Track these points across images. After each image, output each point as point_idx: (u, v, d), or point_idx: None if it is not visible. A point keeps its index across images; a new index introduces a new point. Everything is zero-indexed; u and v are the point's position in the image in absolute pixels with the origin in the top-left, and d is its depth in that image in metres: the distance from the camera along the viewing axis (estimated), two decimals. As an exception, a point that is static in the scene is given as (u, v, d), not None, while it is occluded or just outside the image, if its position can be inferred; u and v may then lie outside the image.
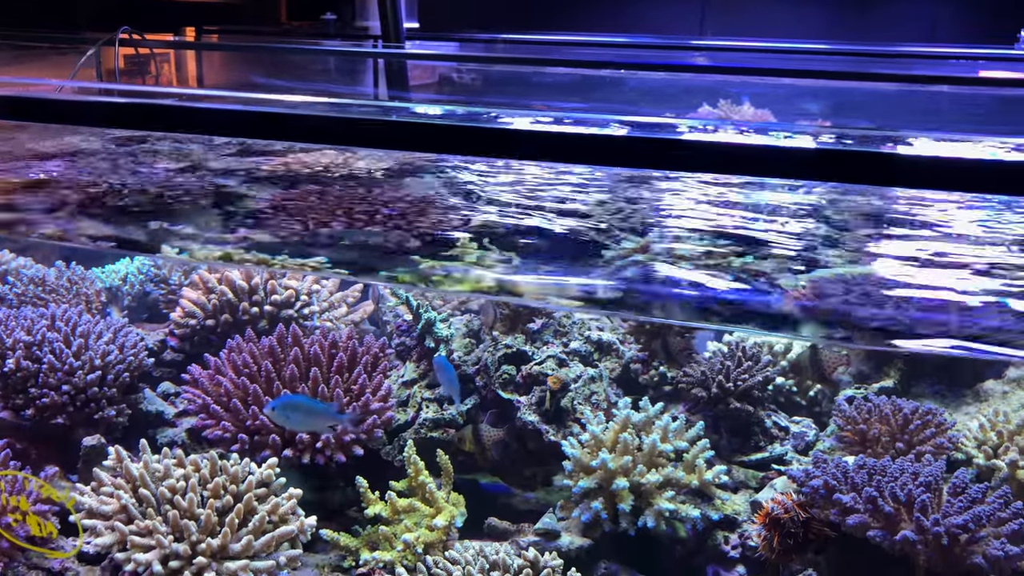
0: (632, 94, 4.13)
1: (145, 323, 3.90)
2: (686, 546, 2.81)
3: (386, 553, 2.73)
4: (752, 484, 2.94)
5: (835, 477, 2.28)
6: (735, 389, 2.93)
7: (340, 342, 3.11)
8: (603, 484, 2.77)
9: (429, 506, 2.82)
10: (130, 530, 2.51)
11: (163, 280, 3.89)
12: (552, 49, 5.27)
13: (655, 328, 3.15)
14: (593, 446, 2.83)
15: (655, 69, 3.99)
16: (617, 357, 3.28)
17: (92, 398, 3.06)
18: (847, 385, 2.93)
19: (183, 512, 2.51)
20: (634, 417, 2.84)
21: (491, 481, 3.34)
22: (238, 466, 2.64)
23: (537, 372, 3.11)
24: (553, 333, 3.32)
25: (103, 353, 3.10)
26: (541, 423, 3.01)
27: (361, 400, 2.95)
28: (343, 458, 2.91)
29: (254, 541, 2.48)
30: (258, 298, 3.43)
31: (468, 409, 3.19)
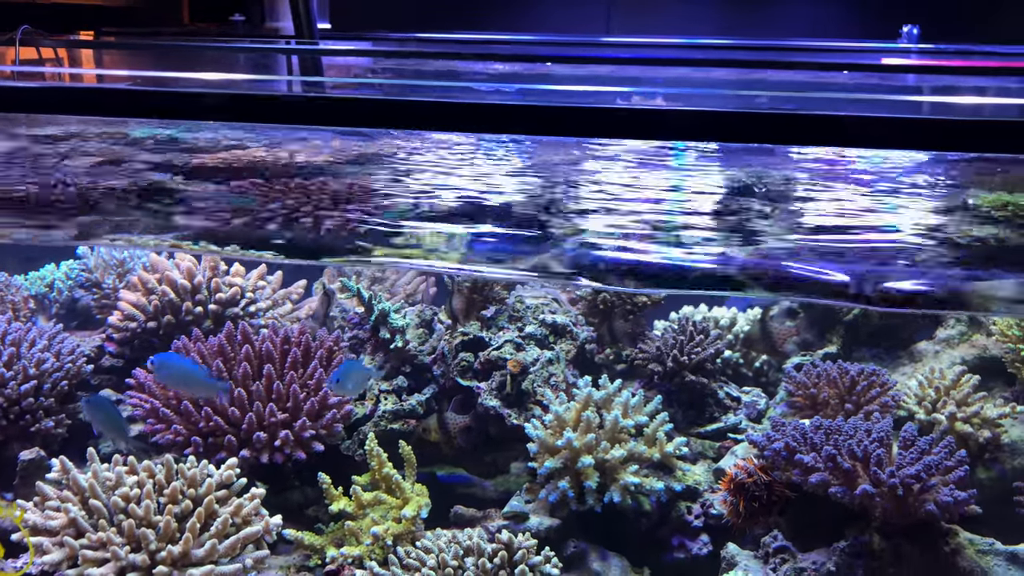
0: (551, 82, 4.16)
1: (77, 330, 3.72)
2: (651, 519, 2.85)
3: (354, 548, 2.69)
4: (710, 454, 3.01)
5: (795, 439, 2.36)
6: (689, 362, 2.99)
7: (292, 338, 3.04)
8: (568, 463, 2.78)
9: (395, 497, 2.79)
10: (81, 544, 2.40)
11: (95, 284, 3.72)
12: (466, 47, 5.31)
13: (607, 308, 3.19)
14: (556, 426, 2.84)
15: (570, 62, 4.02)
16: (572, 339, 3.31)
17: (27, 409, 2.92)
18: (794, 354, 3.03)
19: (139, 521, 2.42)
20: (595, 395, 2.87)
21: (449, 472, 3.33)
22: (195, 469, 2.55)
23: (496, 357, 3.11)
24: (508, 318, 3.32)
25: (38, 361, 2.96)
26: (503, 407, 3.01)
27: (319, 395, 2.89)
28: (303, 455, 2.85)
29: (218, 545, 2.41)
30: (201, 297, 3.32)
31: (427, 399, 3.16)
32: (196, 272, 3.34)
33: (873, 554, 2.24)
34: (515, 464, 3.18)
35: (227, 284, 3.37)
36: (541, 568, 2.48)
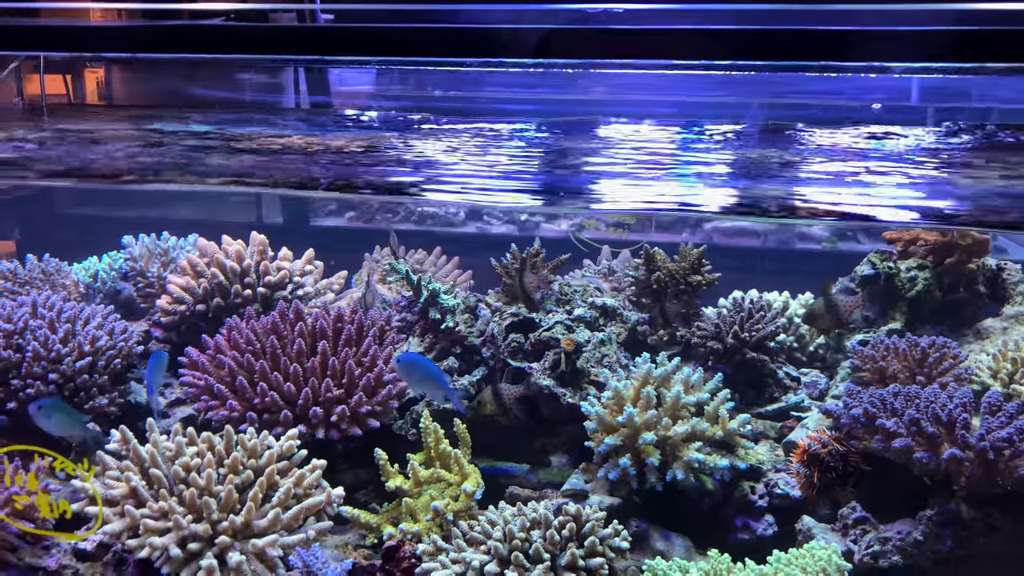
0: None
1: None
2: (713, 499, 2.79)
3: (412, 525, 2.63)
4: (771, 435, 2.94)
5: (874, 404, 2.30)
6: (750, 339, 2.94)
7: (345, 316, 3.01)
8: (628, 441, 2.73)
9: (453, 474, 2.74)
10: (142, 514, 2.36)
11: (140, 273, 3.71)
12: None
13: (659, 288, 3.14)
14: (615, 403, 2.79)
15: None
16: (622, 322, 3.26)
17: (82, 386, 2.89)
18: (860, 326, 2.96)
19: (200, 490, 2.38)
20: (654, 372, 2.82)
21: (490, 465, 3.27)
22: (255, 440, 2.51)
23: (547, 338, 3.06)
24: (556, 302, 3.28)
25: (92, 339, 2.94)
26: (557, 387, 2.96)
27: (374, 371, 2.85)
28: (359, 431, 2.81)
29: (281, 515, 2.36)
30: (250, 280, 3.30)
31: (477, 380, 3.12)
32: (245, 255, 3.32)
33: (962, 523, 2.18)
34: (555, 457, 3.12)
35: (276, 268, 3.35)
36: (610, 541, 2.41)
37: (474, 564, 2.35)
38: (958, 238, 2.98)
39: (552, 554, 2.36)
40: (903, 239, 3.11)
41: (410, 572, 2.49)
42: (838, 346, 3.18)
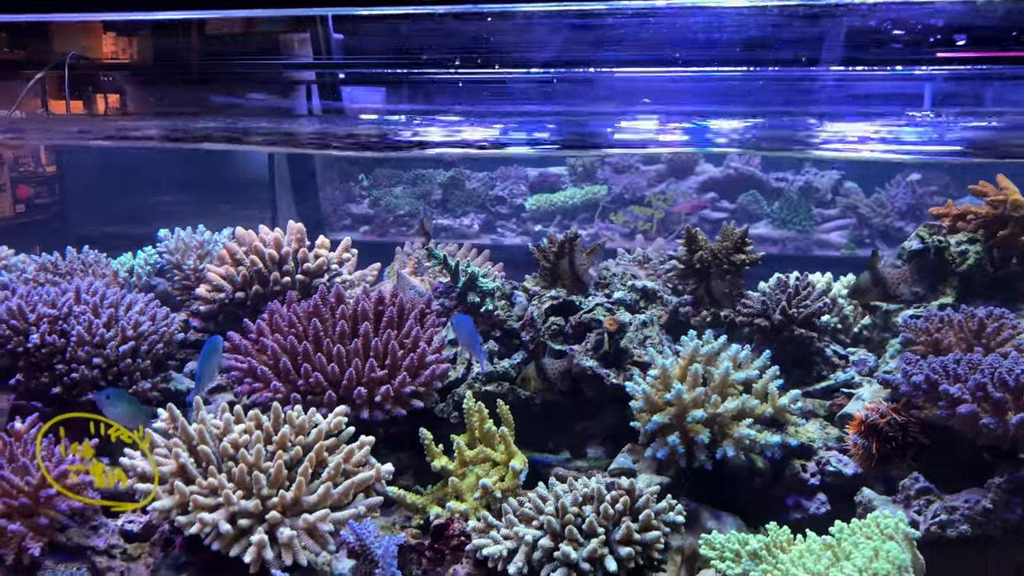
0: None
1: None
2: (764, 477, 2.74)
3: (460, 504, 2.60)
4: (820, 413, 2.90)
5: (935, 371, 2.25)
6: (798, 315, 2.89)
7: (387, 298, 3.00)
8: (675, 420, 2.69)
9: (499, 453, 2.71)
10: (192, 490, 2.34)
11: (176, 266, 3.71)
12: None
13: (703, 267, 3.11)
14: (662, 381, 2.75)
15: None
16: (663, 304, 3.23)
17: (125, 371, 2.89)
18: (909, 298, 2.91)
19: (250, 467, 2.35)
20: (701, 349, 2.78)
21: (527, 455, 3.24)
22: (303, 417, 2.49)
23: (588, 320, 3.03)
24: (594, 285, 3.25)
25: (135, 324, 2.94)
26: (600, 367, 2.92)
27: (417, 351, 2.83)
28: (403, 411, 2.78)
29: (332, 490, 2.34)
30: (289, 267, 3.30)
31: (518, 363, 3.09)
32: (283, 243, 3.32)
33: (1033, 491, 2.12)
34: (592, 449, 3.08)
35: (314, 255, 3.35)
36: (665, 516, 2.37)
37: (527, 539, 2.31)
38: (1010, 210, 2.93)
39: (606, 528, 2.32)
40: (951, 214, 3.07)
41: (460, 549, 2.45)
42: (885, 324, 3.13)
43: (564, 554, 2.25)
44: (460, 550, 2.45)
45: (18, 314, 2.88)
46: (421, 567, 2.49)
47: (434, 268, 3.51)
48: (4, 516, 2.34)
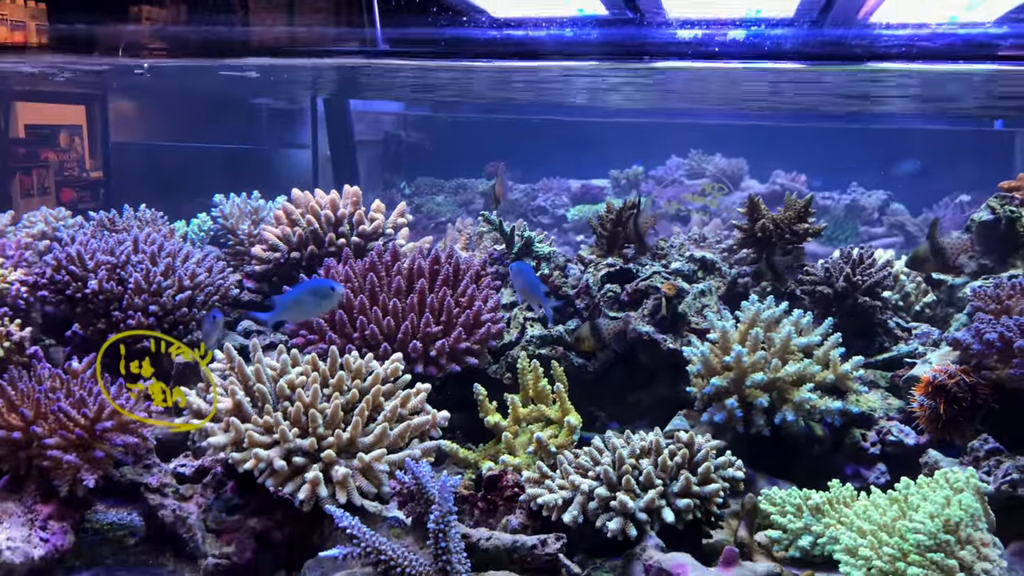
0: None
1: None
2: (823, 445, 2.68)
3: (514, 458, 2.57)
4: (882, 384, 2.82)
5: (1010, 329, 2.19)
6: (862, 283, 2.83)
7: (442, 257, 2.99)
8: (732, 385, 2.64)
9: (554, 410, 2.67)
10: (247, 427, 2.33)
11: (231, 231, 3.75)
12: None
13: (764, 237, 3.06)
14: (721, 344, 2.70)
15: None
16: (720, 276, 3.19)
17: (181, 320, 2.91)
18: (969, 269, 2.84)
19: (306, 406, 2.35)
20: (763, 313, 2.73)
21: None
22: (360, 361, 2.48)
23: (645, 287, 3.00)
24: (651, 256, 3.22)
25: (192, 274, 2.96)
26: (657, 332, 2.89)
27: (472, 309, 2.82)
28: (457, 368, 2.76)
29: (388, 431, 2.32)
30: (344, 229, 3.31)
31: (572, 329, 3.06)
32: (339, 205, 3.33)
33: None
34: (642, 424, 3.04)
35: (369, 219, 3.35)
36: (724, 471, 2.32)
37: (583, 488, 2.27)
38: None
39: (663, 481, 2.27)
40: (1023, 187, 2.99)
41: (513, 500, 2.42)
42: (950, 299, 3.06)
43: (621, 503, 2.20)
44: (513, 501, 2.42)
45: (77, 260, 2.92)
46: (473, 517, 2.46)
47: (489, 235, 3.50)
48: (60, 448, 2.35)
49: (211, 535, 2.38)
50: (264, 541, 2.35)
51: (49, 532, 2.33)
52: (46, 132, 7.28)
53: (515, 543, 2.11)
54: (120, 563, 2.44)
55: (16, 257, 3.13)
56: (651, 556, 2.14)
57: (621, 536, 2.21)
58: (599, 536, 2.33)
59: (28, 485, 2.40)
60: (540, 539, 2.11)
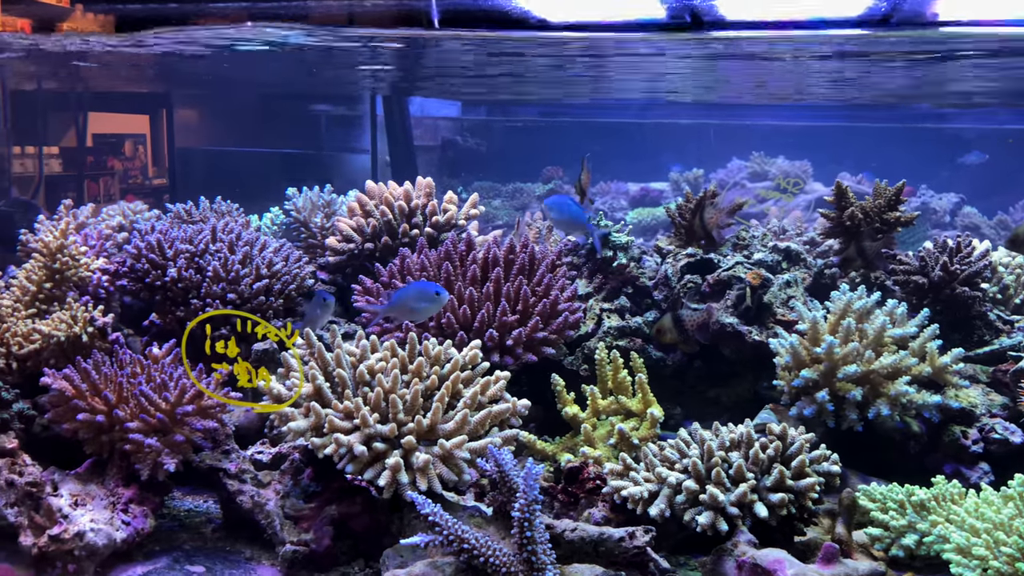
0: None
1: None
2: (919, 442, 2.55)
3: (594, 450, 2.50)
4: (982, 379, 2.68)
5: None
6: (960, 273, 2.69)
7: (517, 247, 2.94)
8: (823, 378, 2.52)
9: (636, 402, 2.59)
10: (327, 412, 2.31)
11: (303, 224, 3.76)
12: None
13: (853, 226, 2.94)
14: (810, 337, 2.59)
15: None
16: (806, 267, 3.07)
17: (258, 308, 2.91)
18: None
19: (386, 392, 2.31)
20: (855, 303, 2.61)
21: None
22: (439, 348, 2.44)
23: (728, 277, 2.90)
24: (732, 247, 3.12)
25: (269, 263, 2.96)
26: (741, 324, 2.79)
27: (549, 298, 2.76)
28: (534, 358, 2.70)
29: (469, 417, 2.27)
30: (418, 220, 3.28)
31: (651, 320, 2.98)
32: (413, 196, 3.31)
33: None
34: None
35: (443, 209, 3.32)
36: (819, 466, 2.21)
37: (670, 480, 2.19)
38: None
39: (755, 474, 2.17)
40: None
41: (595, 493, 2.35)
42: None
43: (711, 496, 2.12)
44: (595, 493, 2.35)
45: (157, 249, 2.94)
46: (553, 510, 2.40)
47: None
48: (142, 432, 2.36)
49: (289, 522, 2.35)
50: (342, 529, 2.32)
51: (130, 515, 2.34)
52: (112, 141, 7.50)
53: (601, 535, 2.03)
54: (197, 549, 2.43)
55: (98, 247, 3.18)
56: (744, 552, 2.05)
57: (711, 531, 2.12)
58: (684, 531, 2.25)
59: (110, 468, 2.41)
60: (627, 531, 2.03)
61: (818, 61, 4.74)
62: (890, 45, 3.81)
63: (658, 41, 4.01)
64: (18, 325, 2.70)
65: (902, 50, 3.89)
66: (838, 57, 4.41)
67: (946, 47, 4.08)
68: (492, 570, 1.90)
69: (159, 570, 2.30)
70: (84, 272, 2.91)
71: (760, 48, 4.09)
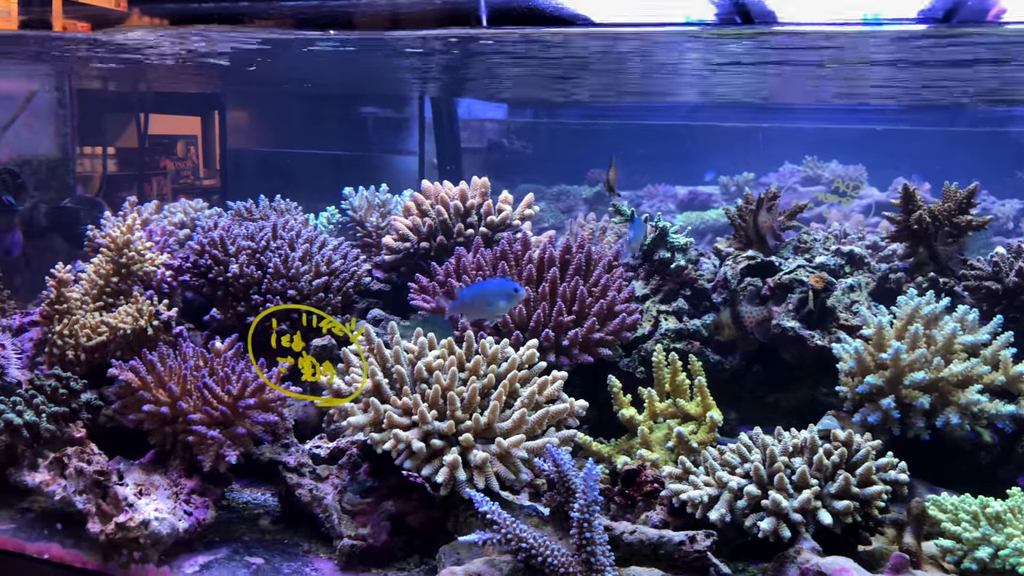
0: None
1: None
2: (991, 453, 2.47)
3: (651, 453, 2.47)
4: (1060, 390, 2.58)
5: None
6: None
7: (573, 247, 2.92)
8: (889, 384, 2.46)
9: (694, 406, 2.56)
10: (386, 408, 2.32)
11: (359, 223, 3.79)
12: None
13: (921, 229, 2.86)
14: (875, 342, 2.53)
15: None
16: (869, 272, 3.00)
17: (317, 304, 2.94)
18: None
19: (443, 389, 2.31)
20: (923, 308, 2.54)
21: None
22: (496, 346, 2.44)
23: (789, 280, 2.85)
24: (793, 249, 3.07)
25: (328, 259, 2.99)
26: (803, 328, 2.73)
27: (606, 299, 2.74)
28: (590, 359, 2.69)
29: (527, 416, 2.26)
30: (473, 220, 3.29)
31: (709, 323, 2.94)
32: (468, 195, 3.32)
33: None
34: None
35: (497, 209, 3.32)
36: (886, 474, 2.15)
37: (731, 485, 2.15)
38: None
39: (819, 481, 2.12)
40: None
41: (652, 496, 2.32)
42: None
43: (774, 502, 2.07)
44: (652, 497, 2.32)
45: (219, 245, 2.99)
46: (610, 512, 2.37)
47: (613, 231, 3.42)
48: (204, 424, 2.40)
49: (346, 516, 2.37)
50: (398, 524, 2.33)
51: (192, 506, 2.38)
52: (165, 142, 7.67)
53: (661, 538, 2.01)
54: (256, 541, 2.46)
55: (162, 243, 3.25)
56: (807, 559, 2.00)
57: (772, 537, 2.08)
58: (743, 537, 2.21)
59: (173, 459, 2.45)
60: (688, 535, 2.00)
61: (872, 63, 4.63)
62: (949, 43, 3.69)
63: (707, 38, 3.96)
64: (86, 318, 2.77)
65: (964, 47, 3.76)
66: (894, 54, 4.28)
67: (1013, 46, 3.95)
68: (550, 570, 1.88)
69: (220, 560, 2.33)
70: (149, 267, 2.98)
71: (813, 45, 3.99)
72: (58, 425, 2.47)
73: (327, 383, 2.37)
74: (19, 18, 3.47)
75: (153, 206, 3.69)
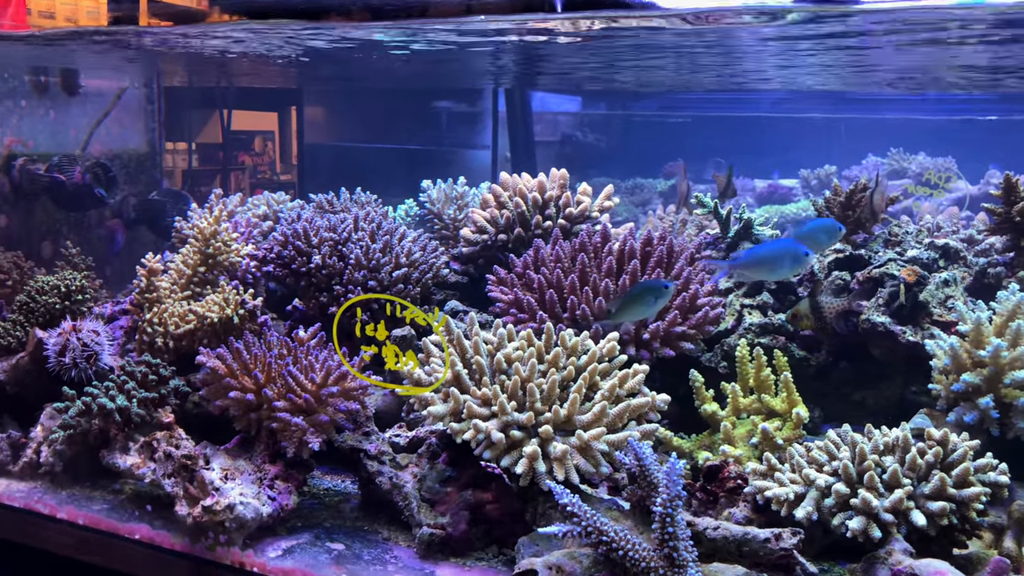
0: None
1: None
2: (1101, 458, 2.33)
3: (734, 449, 2.42)
4: None
5: None
6: None
7: (655, 239, 2.88)
8: (986, 383, 2.35)
9: (780, 402, 2.49)
10: (466, 398, 2.32)
11: (437, 216, 3.82)
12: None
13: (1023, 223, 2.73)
14: (974, 337, 2.42)
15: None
16: (966, 266, 2.87)
17: (397, 295, 2.96)
18: None
19: (523, 380, 2.31)
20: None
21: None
22: (576, 339, 2.42)
23: (879, 274, 2.75)
24: (883, 243, 2.96)
25: (408, 251, 3.01)
26: (894, 324, 2.63)
27: (688, 292, 2.69)
28: (671, 353, 2.64)
29: (608, 409, 2.23)
30: (551, 212, 3.27)
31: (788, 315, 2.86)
32: (547, 187, 3.30)
33: None
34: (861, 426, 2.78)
35: (576, 201, 3.30)
36: (985, 475, 2.06)
37: (819, 483, 2.09)
38: None
39: (912, 480, 2.04)
40: None
41: (735, 492, 2.27)
42: None
43: (864, 501, 2.00)
44: (735, 493, 2.27)
45: (303, 236, 3.05)
46: (691, 508, 2.33)
47: (694, 224, 3.36)
48: (288, 411, 2.44)
49: (425, 505, 2.39)
50: (477, 514, 2.33)
51: (276, 491, 2.42)
52: (243, 137, 7.86)
53: (745, 535, 1.96)
54: (337, 527, 2.50)
55: (246, 234, 3.33)
56: (899, 560, 1.93)
57: (862, 537, 2.01)
58: (829, 536, 2.15)
59: (257, 445, 2.51)
60: (774, 533, 1.95)
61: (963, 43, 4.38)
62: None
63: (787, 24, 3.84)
64: (175, 306, 2.86)
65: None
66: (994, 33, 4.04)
67: None
68: (631, 564, 1.86)
69: (302, 545, 2.37)
70: (235, 257, 3.05)
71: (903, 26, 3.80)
72: (148, 410, 2.56)
73: (408, 373, 2.39)
74: (109, 14, 3.59)
75: (238, 199, 3.79)
